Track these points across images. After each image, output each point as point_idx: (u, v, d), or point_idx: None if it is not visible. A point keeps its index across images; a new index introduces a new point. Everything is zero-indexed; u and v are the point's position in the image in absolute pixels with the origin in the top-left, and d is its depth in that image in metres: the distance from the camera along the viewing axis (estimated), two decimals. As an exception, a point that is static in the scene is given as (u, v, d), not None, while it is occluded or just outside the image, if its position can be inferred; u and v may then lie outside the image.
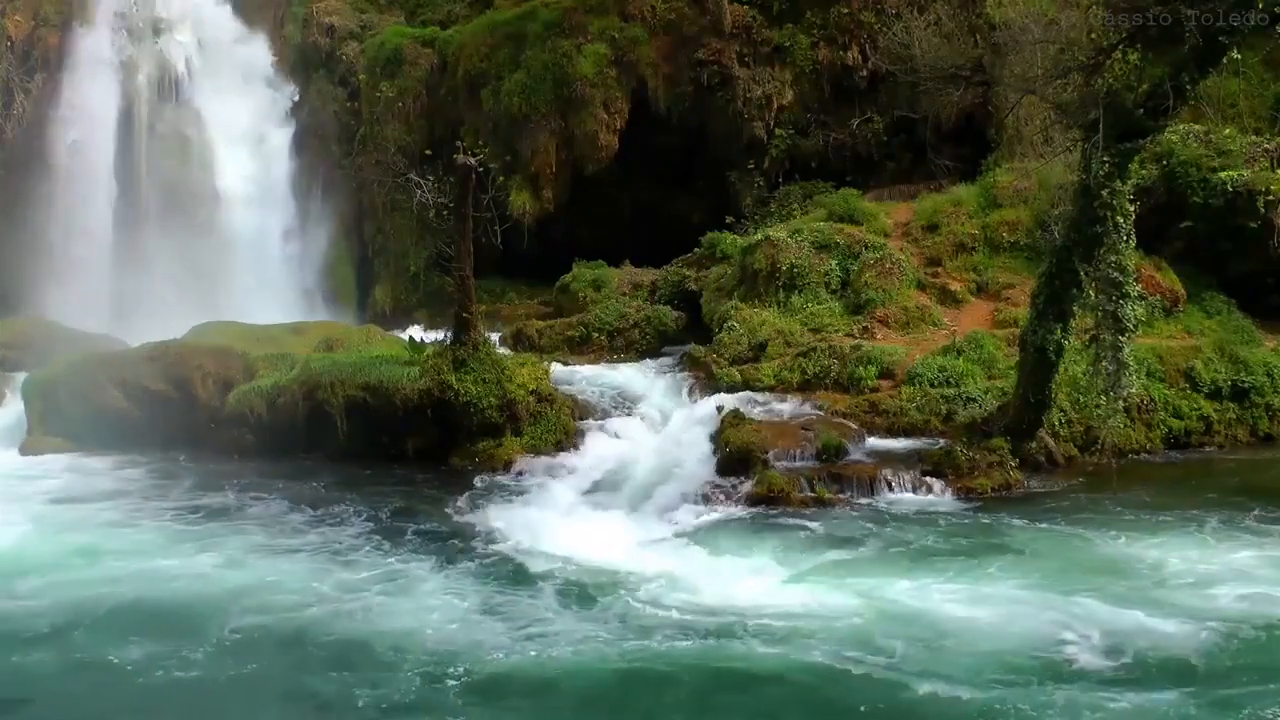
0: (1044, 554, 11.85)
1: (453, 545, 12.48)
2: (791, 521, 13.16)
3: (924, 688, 8.60)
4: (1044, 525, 12.82)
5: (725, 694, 8.80)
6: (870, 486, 14.20)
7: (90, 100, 27.57)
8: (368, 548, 12.44)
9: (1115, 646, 9.34)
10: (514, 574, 11.47)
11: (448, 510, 13.88)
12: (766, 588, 10.91)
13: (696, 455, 15.30)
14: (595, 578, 11.22)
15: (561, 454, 16.15)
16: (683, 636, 9.73)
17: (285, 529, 13.24)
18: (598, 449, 16.25)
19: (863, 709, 8.39)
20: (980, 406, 15.97)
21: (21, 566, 11.72)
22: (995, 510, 13.46)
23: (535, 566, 11.65)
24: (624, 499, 13.96)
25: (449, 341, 17.06)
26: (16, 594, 10.93)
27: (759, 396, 16.88)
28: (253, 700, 8.77)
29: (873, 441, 15.61)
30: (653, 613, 10.26)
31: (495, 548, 12.34)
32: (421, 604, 10.59)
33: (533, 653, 9.42)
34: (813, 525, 12.99)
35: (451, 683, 8.83)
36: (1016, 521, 12.98)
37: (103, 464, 16.89)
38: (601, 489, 14.42)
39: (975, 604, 10.40)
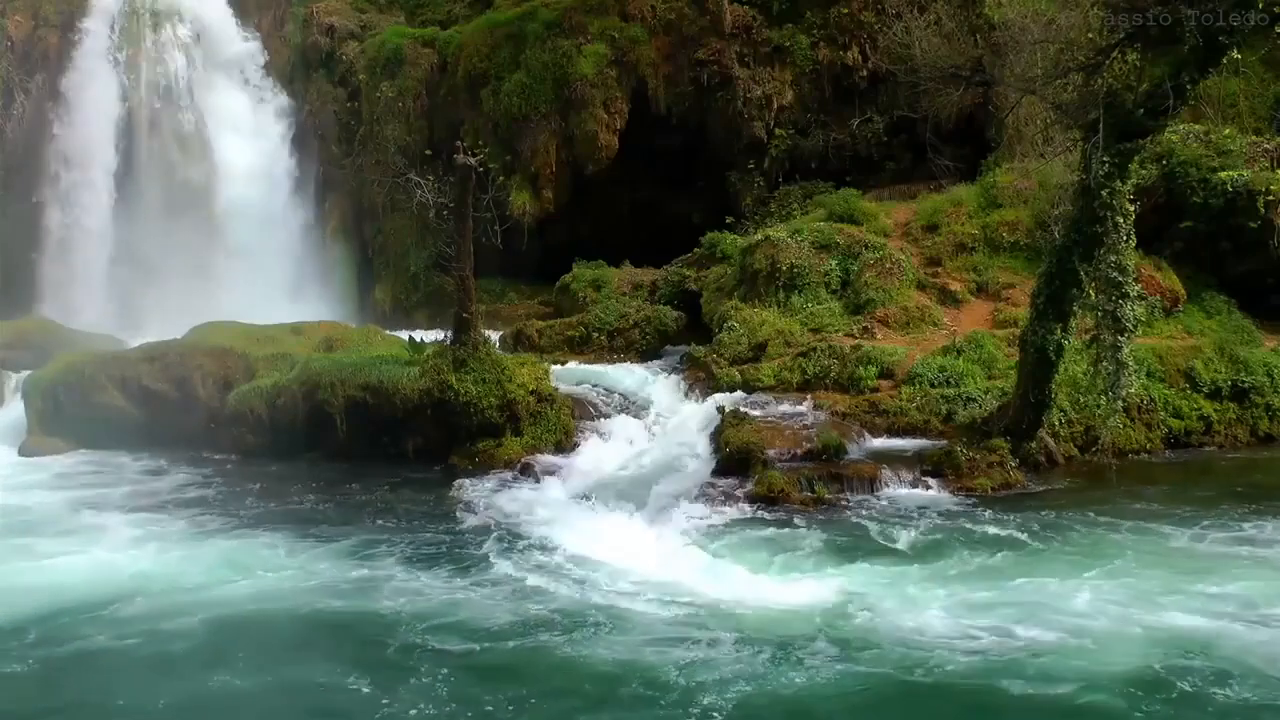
0: (1149, 551, 11.52)
1: (482, 554, 12.17)
2: (821, 523, 12.93)
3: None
4: (1105, 520, 12.59)
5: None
6: (870, 486, 14.17)
7: (90, 100, 27.59)
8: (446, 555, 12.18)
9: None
10: (584, 591, 10.94)
11: (458, 514, 13.85)
12: (916, 600, 10.32)
13: (696, 455, 15.31)
14: (677, 593, 10.72)
15: (561, 454, 16.16)
16: (894, 659, 9.03)
17: (404, 540, 12.68)
18: (598, 449, 16.26)
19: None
20: (980, 406, 15.97)
21: (171, 583, 11.12)
22: (1013, 509, 13.29)
23: (591, 576, 11.31)
24: (625, 500, 13.92)
25: (449, 341, 17.07)
26: (181, 612, 10.33)
27: (759, 396, 16.88)
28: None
29: (873, 441, 15.61)
30: (849, 634, 9.57)
31: (536, 558, 11.98)
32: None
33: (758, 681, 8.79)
34: (861, 528, 12.67)
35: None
36: (1063, 518, 12.75)
37: (137, 466, 16.72)
38: (602, 490, 14.37)
39: (1161, 610, 9.80)
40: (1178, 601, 10.05)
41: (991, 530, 12.46)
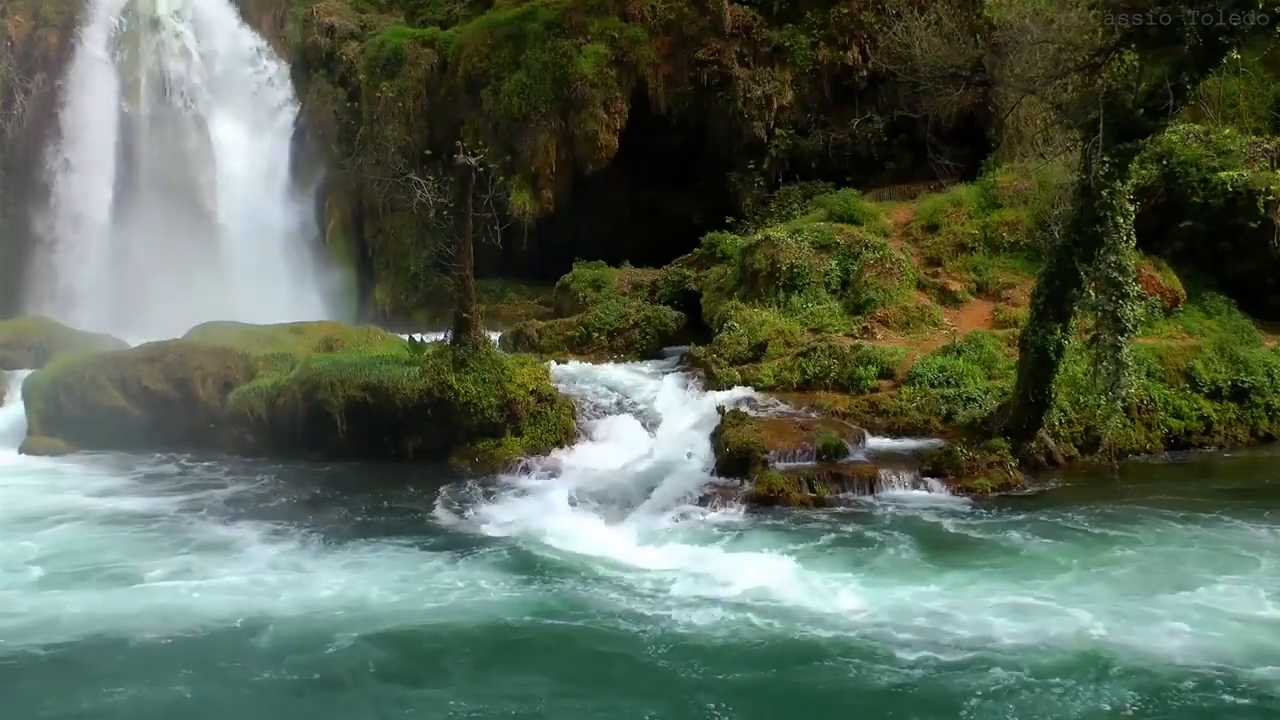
0: (1252, 548, 11.42)
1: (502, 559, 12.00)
2: (852, 524, 12.83)
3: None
4: (1175, 515, 12.58)
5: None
6: (870, 486, 14.19)
7: (90, 100, 27.60)
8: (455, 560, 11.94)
9: None
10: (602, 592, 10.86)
11: (462, 514, 13.84)
12: (1092, 611, 9.97)
13: (696, 455, 15.29)
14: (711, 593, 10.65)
15: (562, 454, 16.14)
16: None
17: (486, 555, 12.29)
18: (598, 449, 16.25)
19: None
20: (980, 406, 15.97)
21: (355, 601, 10.69)
22: (1031, 508, 13.26)
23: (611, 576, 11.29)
24: (625, 500, 13.94)
25: (449, 341, 17.06)
26: (375, 626, 9.99)
27: (759, 396, 16.87)
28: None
29: (873, 441, 15.60)
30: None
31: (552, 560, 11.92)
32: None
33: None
34: (897, 529, 12.53)
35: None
36: (1114, 515, 12.72)
37: (193, 469, 16.46)
38: (603, 490, 14.37)
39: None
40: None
41: (1067, 527, 12.40)
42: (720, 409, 16.00)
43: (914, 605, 10.27)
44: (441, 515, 13.85)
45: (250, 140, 28.35)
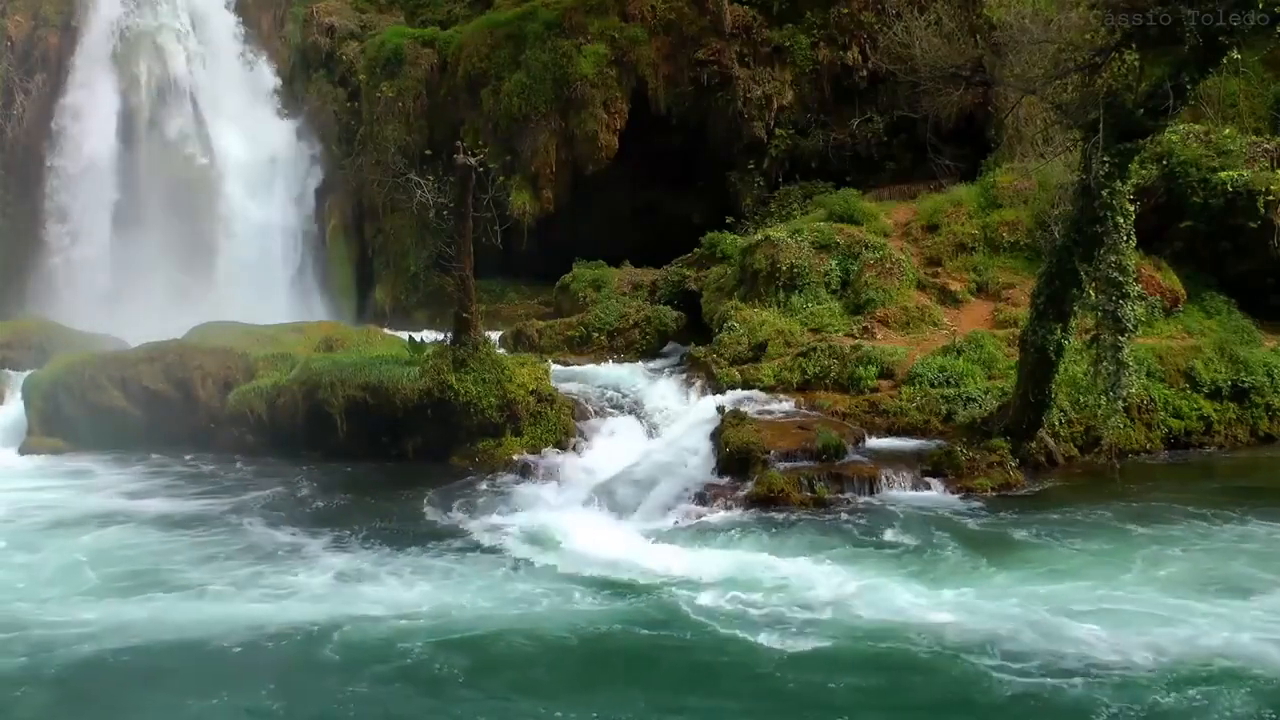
0: None
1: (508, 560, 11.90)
2: (871, 525, 12.71)
3: None
4: (1202, 513, 12.62)
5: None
6: (871, 486, 14.19)
7: (90, 100, 27.58)
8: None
9: None
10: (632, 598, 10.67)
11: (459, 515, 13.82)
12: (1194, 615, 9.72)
13: (697, 455, 15.29)
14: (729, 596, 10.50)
15: (562, 454, 16.15)
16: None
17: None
18: (598, 449, 16.27)
19: None
20: (980, 406, 15.97)
21: (437, 611, 10.40)
22: (1034, 508, 13.23)
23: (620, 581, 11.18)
24: (626, 500, 13.94)
25: (449, 341, 17.07)
26: (464, 634, 9.76)
27: (759, 396, 16.87)
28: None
29: (873, 441, 15.60)
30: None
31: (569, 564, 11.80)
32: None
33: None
34: (925, 529, 12.41)
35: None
36: (1126, 511, 12.74)
37: (228, 472, 16.28)
38: (603, 490, 14.37)
39: None
40: None
41: (1101, 525, 12.42)
42: (720, 409, 16.01)
43: (995, 609, 10.00)
44: (465, 519, 13.75)
45: (250, 140, 28.31)
